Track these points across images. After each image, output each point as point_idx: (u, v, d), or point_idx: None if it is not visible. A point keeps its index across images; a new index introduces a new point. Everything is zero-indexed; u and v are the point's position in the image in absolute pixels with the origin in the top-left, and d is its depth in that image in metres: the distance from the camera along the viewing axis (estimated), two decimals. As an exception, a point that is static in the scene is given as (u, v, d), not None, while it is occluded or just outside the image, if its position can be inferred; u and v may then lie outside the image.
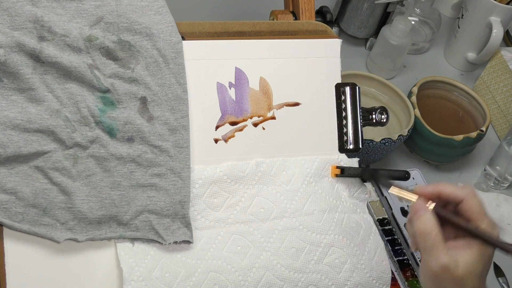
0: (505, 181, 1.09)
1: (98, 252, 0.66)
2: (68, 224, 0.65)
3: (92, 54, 0.66)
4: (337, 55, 0.78)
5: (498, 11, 1.15)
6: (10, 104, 0.64)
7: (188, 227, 0.68)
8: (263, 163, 0.73)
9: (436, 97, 1.12)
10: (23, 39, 0.64)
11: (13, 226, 0.63)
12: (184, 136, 0.68)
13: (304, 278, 0.72)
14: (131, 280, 0.65)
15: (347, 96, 0.77)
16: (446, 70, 1.27)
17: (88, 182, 0.66)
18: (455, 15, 1.36)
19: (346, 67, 0.82)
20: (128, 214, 0.66)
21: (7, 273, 0.62)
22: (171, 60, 0.68)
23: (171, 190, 0.67)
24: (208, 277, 0.68)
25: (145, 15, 0.68)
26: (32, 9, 0.65)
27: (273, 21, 0.80)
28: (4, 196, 0.63)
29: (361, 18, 1.20)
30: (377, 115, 0.80)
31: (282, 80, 0.75)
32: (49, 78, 0.65)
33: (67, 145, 0.65)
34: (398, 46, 1.15)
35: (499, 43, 1.16)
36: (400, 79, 1.22)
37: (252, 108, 0.73)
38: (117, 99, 0.67)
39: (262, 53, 0.74)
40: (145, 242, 0.67)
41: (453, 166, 1.11)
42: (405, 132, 1.00)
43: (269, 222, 0.72)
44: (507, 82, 1.14)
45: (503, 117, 1.16)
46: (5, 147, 0.63)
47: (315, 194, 0.74)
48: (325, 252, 0.73)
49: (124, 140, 0.67)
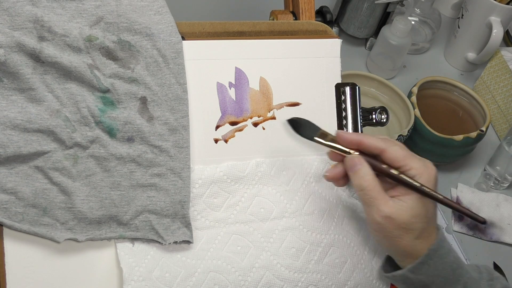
0: (505, 181, 1.09)
1: (98, 252, 0.66)
2: (68, 224, 0.65)
3: (92, 54, 0.66)
4: (337, 55, 0.78)
5: (498, 11, 1.15)
6: (10, 104, 0.64)
7: (188, 227, 0.68)
8: (263, 163, 0.73)
9: (436, 97, 1.12)
10: (23, 39, 0.64)
11: (13, 226, 0.63)
12: (184, 136, 0.68)
13: (304, 278, 0.72)
14: (131, 280, 0.65)
15: (347, 96, 0.77)
16: (446, 70, 1.27)
17: (88, 182, 0.66)
18: (455, 15, 1.36)
19: (346, 67, 0.82)
20: (128, 214, 0.66)
21: (7, 273, 0.62)
22: (171, 60, 0.68)
23: (171, 190, 0.68)
24: (208, 277, 0.68)
25: (145, 15, 0.68)
26: (32, 9, 0.65)
27: (273, 21, 0.80)
28: (4, 196, 0.63)
29: (361, 18, 1.20)
30: (377, 115, 0.80)
31: (282, 80, 0.75)
32: (49, 78, 0.65)
33: (67, 145, 0.65)
34: (398, 46, 1.15)
35: (499, 43, 1.16)
36: (400, 79, 1.22)
37: (252, 108, 0.73)
38: (117, 99, 0.67)
39: (262, 53, 0.74)
40: (145, 242, 0.67)
41: (453, 166, 1.11)
42: (405, 132, 1.00)
43: (269, 222, 0.72)
44: (507, 82, 1.14)
45: (503, 117, 1.16)
46: (5, 147, 0.63)
47: (315, 194, 0.74)
48: (325, 252, 0.73)
49: (124, 140, 0.67)
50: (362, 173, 0.66)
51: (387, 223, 0.65)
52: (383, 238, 0.67)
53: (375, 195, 0.65)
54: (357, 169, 0.66)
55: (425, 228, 0.66)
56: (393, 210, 0.64)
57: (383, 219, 0.65)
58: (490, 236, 1.03)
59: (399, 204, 0.65)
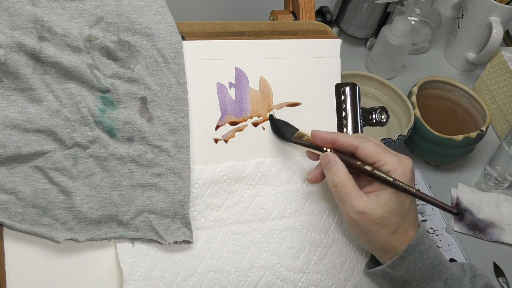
0: (505, 181, 1.09)
1: (98, 252, 0.66)
2: (68, 224, 0.65)
3: (92, 54, 0.66)
4: (337, 55, 0.78)
5: (498, 11, 1.15)
6: (10, 104, 0.64)
7: (188, 227, 0.68)
8: (263, 163, 0.73)
9: (436, 97, 1.12)
10: (23, 39, 0.64)
11: (13, 226, 0.63)
12: (184, 136, 0.68)
13: (304, 278, 0.72)
14: (131, 280, 0.65)
15: (347, 96, 0.77)
16: (446, 70, 1.27)
17: (88, 182, 0.66)
18: (455, 15, 1.36)
19: (346, 67, 0.82)
20: (128, 214, 0.66)
21: (7, 273, 0.62)
22: (171, 60, 0.68)
23: (171, 190, 0.68)
24: (208, 277, 0.68)
25: (145, 15, 0.68)
26: (32, 9, 0.65)
27: (273, 21, 0.80)
28: (4, 196, 0.63)
29: (361, 18, 1.20)
30: (377, 115, 0.80)
31: (282, 80, 0.75)
32: (49, 78, 0.65)
33: (67, 145, 0.65)
34: (398, 46, 1.15)
35: (499, 43, 1.16)
36: (400, 79, 1.22)
37: (252, 108, 0.73)
38: (117, 99, 0.67)
39: (262, 53, 0.74)
40: (145, 242, 0.67)
41: (453, 166, 1.11)
42: (405, 132, 1.00)
43: (269, 222, 0.72)
44: (507, 82, 1.14)
45: (503, 117, 1.16)
46: (5, 147, 0.63)
47: (315, 194, 0.74)
48: (325, 252, 0.73)
49: (124, 140, 0.67)
50: (335, 170, 0.67)
51: (361, 219, 0.66)
52: (361, 234, 0.67)
53: (348, 191, 0.66)
54: (331, 166, 0.67)
55: (401, 223, 0.66)
56: (367, 205, 0.65)
57: (357, 215, 0.66)
58: (490, 236, 1.03)
59: (373, 199, 0.66)
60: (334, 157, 0.67)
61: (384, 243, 0.66)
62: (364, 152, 0.67)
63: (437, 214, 1.02)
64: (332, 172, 0.67)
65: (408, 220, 0.67)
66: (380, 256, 0.69)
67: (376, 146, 0.67)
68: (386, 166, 0.66)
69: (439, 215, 1.03)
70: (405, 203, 0.67)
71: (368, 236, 0.67)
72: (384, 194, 0.66)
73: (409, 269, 0.67)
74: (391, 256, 0.67)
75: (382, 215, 0.65)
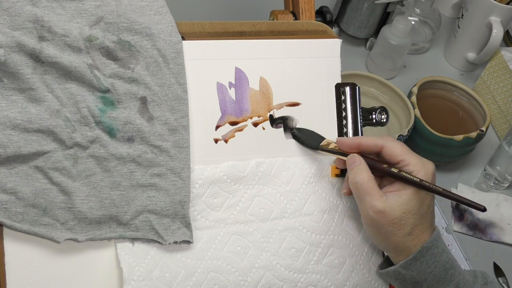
0: (505, 181, 1.09)
1: (98, 252, 0.66)
2: (68, 224, 0.65)
3: (92, 54, 0.66)
4: (337, 55, 0.78)
5: (498, 11, 1.15)
6: (10, 104, 0.64)
7: (188, 227, 0.68)
8: (263, 163, 0.73)
9: (436, 97, 1.12)
10: (23, 39, 0.64)
11: (13, 226, 0.63)
12: (184, 136, 0.68)
13: (303, 278, 0.72)
14: (131, 280, 0.65)
15: (347, 96, 0.77)
16: (446, 70, 1.27)
17: (88, 182, 0.66)
18: (455, 15, 1.36)
19: (346, 67, 0.82)
20: (128, 214, 0.66)
21: (7, 273, 0.62)
22: (171, 60, 0.68)
23: (171, 190, 0.68)
24: (208, 277, 0.68)
25: (145, 15, 0.68)
26: (32, 9, 0.65)
27: (273, 21, 0.80)
28: (4, 196, 0.63)
29: (361, 18, 1.20)
30: (377, 115, 0.80)
31: (282, 80, 0.75)
32: (49, 78, 0.65)
33: (67, 145, 0.65)
34: (398, 46, 1.15)
35: (499, 43, 1.16)
36: (400, 79, 1.22)
37: (252, 108, 0.73)
38: (117, 99, 0.67)
39: (262, 53, 0.74)
40: (145, 242, 0.67)
41: (453, 166, 1.11)
42: (405, 132, 1.00)
43: (269, 223, 0.72)
44: (507, 82, 1.14)
45: (503, 117, 1.16)
46: (5, 147, 0.63)
47: (315, 194, 0.74)
48: (325, 252, 0.73)
49: (124, 140, 0.67)
50: (357, 169, 0.68)
51: (380, 218, 0.66)
52: (376, 233, 0.68)
53: (369, 190, 0.67)
54: (355, 165, 0.68)
55: (417, 224, 0.67)
56: (385, 205, 0.66)
57: (376, 214, 0.66)
58: (490, 236, 1.03)
59: (393, 199, 0.66)
60: (359, 158, 0.69)
61: (399, 243, 0.67)
62: (390, 151, 0.68)
63: (437, 214, 1.02)
64: (354, 171, 0.68)
65: (424, 222, 0.68)
66: (394, 256, 0.70)
67: (401, 146, 0.69)
68: (409, 167, 0.67)
69: (439, 215, 1.03)
70: (423, 204, 0.67)
71: (384, 236, 0.67)
72: (405, 194, 0.67)
73: (422, 271, 0.67)
74: (404, 257, 0.68)
75: (400, 215, 0.66)
